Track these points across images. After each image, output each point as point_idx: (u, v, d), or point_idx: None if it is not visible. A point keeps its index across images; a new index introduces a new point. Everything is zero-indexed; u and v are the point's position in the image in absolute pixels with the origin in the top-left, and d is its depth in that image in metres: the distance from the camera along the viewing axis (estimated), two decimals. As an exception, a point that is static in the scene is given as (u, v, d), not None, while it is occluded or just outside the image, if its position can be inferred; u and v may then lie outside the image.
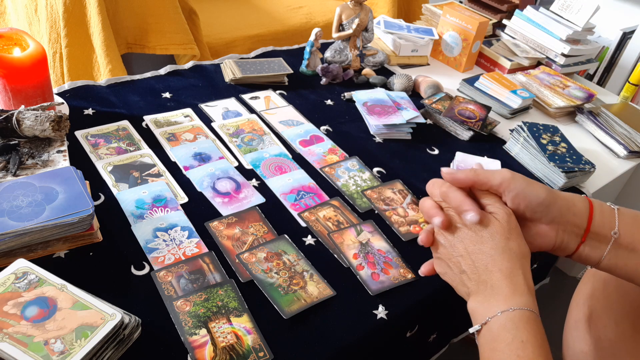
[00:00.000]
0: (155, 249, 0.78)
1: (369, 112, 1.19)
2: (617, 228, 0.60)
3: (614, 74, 1.97)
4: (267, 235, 0.84)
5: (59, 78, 1.49)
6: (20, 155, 0.87)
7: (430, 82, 1.33)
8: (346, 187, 0.98)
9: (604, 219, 0.60)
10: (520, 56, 1.52)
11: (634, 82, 1.50)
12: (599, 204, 0.61)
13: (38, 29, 1.51)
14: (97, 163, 0.93)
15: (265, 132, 1.09)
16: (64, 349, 0.58)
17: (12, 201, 0.73)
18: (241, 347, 0.66)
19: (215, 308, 0.70)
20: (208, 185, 0.92)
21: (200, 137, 1.04)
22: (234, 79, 1.25)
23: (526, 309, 0.54)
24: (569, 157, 1.09)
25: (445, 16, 1.54)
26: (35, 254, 0.73)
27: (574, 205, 0.60)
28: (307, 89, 1.29)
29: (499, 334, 0.54)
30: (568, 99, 1.36)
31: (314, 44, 1.32)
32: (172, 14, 1.53)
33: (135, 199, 0.86)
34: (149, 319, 0.68)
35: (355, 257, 0.82)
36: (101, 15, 1.39)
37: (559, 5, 1.53)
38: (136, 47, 1.57)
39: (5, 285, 0.63)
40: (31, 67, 0.92)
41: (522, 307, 0.54)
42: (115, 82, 1.17)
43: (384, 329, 0.74)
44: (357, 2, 1.33)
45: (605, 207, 0.61)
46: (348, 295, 0.76)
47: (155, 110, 1.10)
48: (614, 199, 1.36)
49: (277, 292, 0.74)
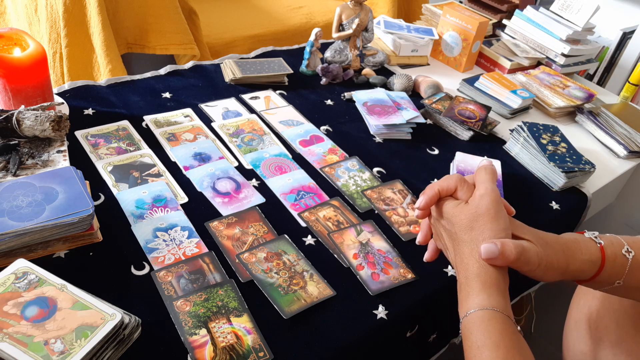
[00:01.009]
0: (155, 249, 0.78)
1: (369, 112, 1.19)
2: (623, 280, 0.56)
3: (614, 74, 1.97)
4: (267, 235, 0.84)
5: (59, 78, 1.49)
6: (20, 155, 0.87)
7: (430, 82, 1.33)
8: (346, 187, 0.98)
9: (614, 270, 0.56)
10: (520, 56, 1.52)
11: (634, 82, 1.50)
12: (613, 256, 0.56)
13: (38, 29, 1.51)
14: (97, 163, 0.93)
15: (265, 132, 1.09)
16: (64, 349, 0.57)
17: (12, 201, 0.73)
18: (241, 347, 0.66)
19: (215, 308, 0.70)
20: (208, 185, 0.92)
21: (200, 137, 1.04)
22: (234, 79, 1.25)
23: (481, 309, 0.52)
24: (569, 157, 1.09)
25: (445, 16, 1.54)
26: (35, 254, 0.73)
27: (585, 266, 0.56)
28: (307, 89, 1.29)
29: (464, 341, 0.53)
30: (568, 99, 1.36)
31: (314, 44, 1.32)
32: (172, 14, 1.53)
33: (135, 199, 0.86)
34: (149, 319, 0.68)
35: (355, 257, 0.82)
36: (101, 15, 1.39)
37: (559, 5, 1.53)
38: (136, 47, 1.57)
39: (5, 285, 0.63)
40: (31, 67, 0.92)
41: (476, 309, 0.52)
42: (115, 82, 1.17)
43: (384, 329, 0.74)
44: (357, 2, 1.33)
45: (619, 257, 0.56)
46: (348, 295, 0.76)
47: (155, 110, 1.10)
48: (614, 199, 1.36)
49: (277, 292, 0.74)
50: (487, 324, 0.51)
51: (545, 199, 1.05)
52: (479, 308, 0.52)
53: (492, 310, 0.52)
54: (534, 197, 1.05)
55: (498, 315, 0.52)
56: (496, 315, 0.52)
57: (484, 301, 0.53)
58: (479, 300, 0.53)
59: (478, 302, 0.53)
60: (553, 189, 1.08)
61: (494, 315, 0.52)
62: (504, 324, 0.51)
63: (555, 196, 1.06)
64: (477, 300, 0.53)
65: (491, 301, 0.53)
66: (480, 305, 0.53)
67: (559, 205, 1.04)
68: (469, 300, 0.54)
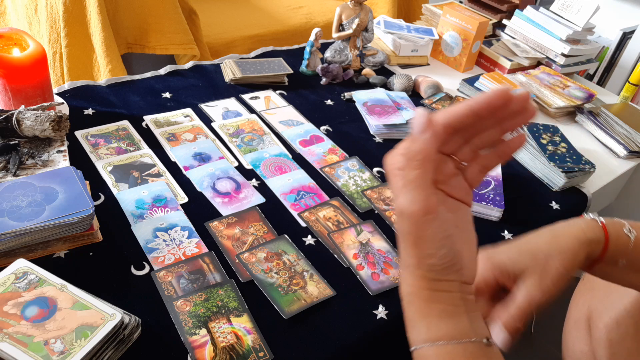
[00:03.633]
0: (155, 249, 0.78)
1: (369, 112, 1.19)
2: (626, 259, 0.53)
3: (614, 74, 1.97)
4: (267, 235, 0.84)
5: (59, 78, 1.49)
6: (20, 155, 0.87)
7: (430, 82, 1.33)
8: (346, 187, 0.98)
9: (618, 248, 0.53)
10: (520, 56, 1.52)
11: (634, 82, 1.49)
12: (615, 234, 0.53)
13: (38, 29, 1.51)
14: (97, 163, 0.93)
15: (265, 132, 1.09)
16: (64, 349, 0.57)
17: (12, 201, 0.73)
18: (241, 347, 0.66)
19: (215, 308, 0.70)
20: (208, 185, 0.92)
21: (200, 137, 1.04)
22: (234, 79, 1.25)
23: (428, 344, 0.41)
24: (569, 157, 1.09)
25: (445, 16, 1.54)
26: (35, 254, 0.73)
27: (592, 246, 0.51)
28: (307, 89, 1.29)
29: None
30: (568, 99, 1.36)
31: (314, 44, 1.32)
32: (172, 14, 1.53)
33: (135, 199, 0.86)
34: (149, 319, 0.68)
35: (355, 257, 0.82)
36: (101, 15, 1.39)
37: (559, 5, 1.53)
38: (136, 47, 1.57)
39: (5, 285, 0.63)
40: (31, 67, 0.92)
41: (421, 345, 0.41)
42: (115, 82, 1.17)
43: (384, 329, 0.74)
44: (357, 2, 1.33)
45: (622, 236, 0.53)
46: (348, 295, 0.76)
47: (155, 110, 1.10)
48: (614, 199, 1.36)
49: (277, 292, 0.74)
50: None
51: (545, 199, 1.05)
52: (415, 347, 0.42)
53: (442, 343, 0.40)
54: (534, 197, 1.05)
55: (455, 349, 0.40)
56: (452, 350, 0.40)
57: (424, 333, 0.41)
58: (414, 338, 0.42)
59: (414, 340, 0.42)
60: (553, 189, 1.08)
61: (449, 350, 0.40)
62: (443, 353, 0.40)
63: (555, 196, 1.06)
64: (413, 337, 0.42)
65: (435, 330, 0.40)
66: (424, 340, 0.41)
67: (559, 205, 1.04)
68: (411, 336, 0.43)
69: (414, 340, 0.42)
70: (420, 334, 0.41)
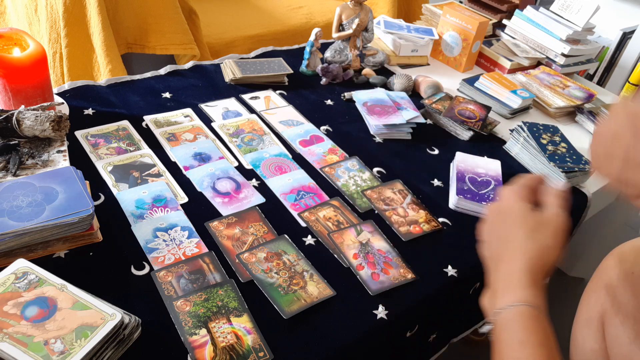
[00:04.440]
0: (155, 249, 0.78)
1: (369, 112, 1.19)
2: None
3: (614, 74, 1.97)
4: (267, 235, 0.84)
5: (59, 78, 1.49)
6: (20, 155, 0.87)
7: (430, 82, 1.33)
8: (346, 187, 0.98)
9: None
10: (520, 56, 1.52)
11: (634, 82, 1.50)
12: None
13: (38, 29, 1.51)
14: (97, 163, 0.93)
15: (265, 132, 1.09)
16: (64, 349, 0.57)
17: (12, 201, 0.73)
18: (241, 347, 0.66)
19: (215, 308, 0.70)
20: (208, 185, 0.92)
21: (200, 137, 1.04)
22: (234, 79, 1.25)
23: (525, 304, 0.53)
24: (569, 157, 1.09)
25: (445, 16, 1.54)
26: (35, 254, 0.73)
27: None
28: (307, 89, 1.29)
29: (500, 334, 0.53)
30: (568, 99, 1.36)
31: (314, 44, 1.32)
32: (172, 14, 1.53)
33: (135, 199, 0.86)
34: (149, 319, 0.68)
35: (355, 257, 0.82)
36: (101, 15, 1.39)
37: (559, 5, 1.53)
38: (136, 47, 1.57)
39: (5, 285, 0.63)
40: (31, 67, 0.92)
41: (520, 303, 0.53)
42: (115, 82, 1.17)
43: (384, 329, 0.74)
44: (357, 2, 1.33)
45: None
46: (348, 295, 0.76)
47: (155, 110, 1.10)
48: (614, 199, 1.36)
49: (277, 292, 0.74)
50: (535, 320, 0.52)
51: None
52: (524, 303, 0.52)
53: (538, 308, 0.53)
54: (534, 197, 1.05)
55: (542, 316, 0.53)
56: (541, 316, 0.53)
57: (530, 298, 0.53)
58: (525, 295, 0.53)
59: (524, 298, 0.53)
60: (553, 189, 1.07)
61: (539, 315, 0.52)
62: (548, 326, 0.52)
63: (555, 196, 1.06)
64: (523, 295, 0.53)
65: (537, 300, 0.53)
66: (525, 301, 0.53)
67: (559, 205, 1.04)
68: (513, 293, 0.54)
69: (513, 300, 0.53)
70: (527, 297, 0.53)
